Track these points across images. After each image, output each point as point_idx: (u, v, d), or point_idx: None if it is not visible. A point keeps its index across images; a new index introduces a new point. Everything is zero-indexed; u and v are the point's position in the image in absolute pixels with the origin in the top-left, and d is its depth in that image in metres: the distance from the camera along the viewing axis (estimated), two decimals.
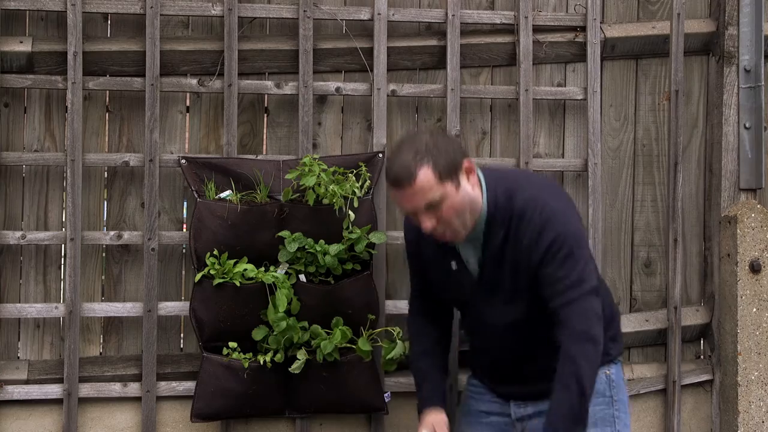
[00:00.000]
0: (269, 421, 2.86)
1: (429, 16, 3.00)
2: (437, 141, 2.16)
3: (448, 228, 2.17)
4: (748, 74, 3.15)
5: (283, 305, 2.65)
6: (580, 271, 2.16)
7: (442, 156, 2.13)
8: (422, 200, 2.12)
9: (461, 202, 2.15)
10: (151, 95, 2.82)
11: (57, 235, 2.81)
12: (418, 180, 2.10)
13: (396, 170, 2.13)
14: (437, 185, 2.12)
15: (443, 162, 2.13)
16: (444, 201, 2.13)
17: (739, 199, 3.14)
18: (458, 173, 2.16)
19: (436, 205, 2.13)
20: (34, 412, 2.79)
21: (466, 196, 2.17)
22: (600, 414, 2.32)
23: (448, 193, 2.13)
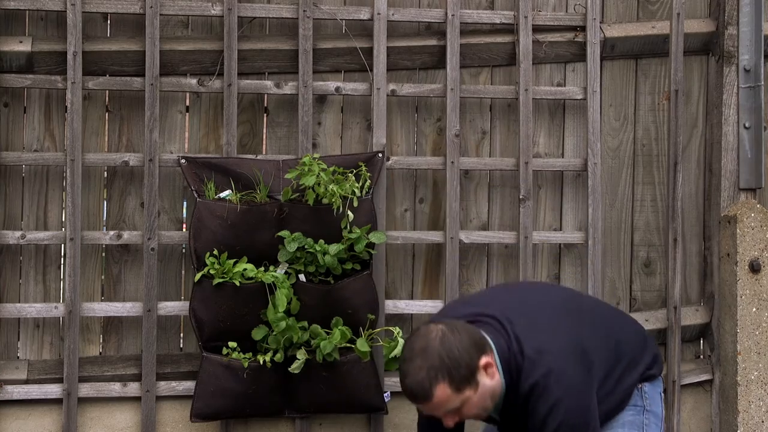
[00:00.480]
0: (269, 421, 2.86)
1: (429, 16, 3.00)
2: (450, 347, 2.06)
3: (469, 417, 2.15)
4: (748, 74, 3.15)
5: (283, 305, 2.65)
6: None
7: (457, 367, 2.05)
8: (442, 411, 2.07)
9: (482, 398, 2.10)
10: (151, 95, 2.82)
11: (57, 235, 2.81)
12: (436, 397, 2.03)
13: (411, 387, 2.05)
14: (455, 396, 2.05)
15: (459, 374, 2.05)
16: (464, 406, 2.08)
17: (739, 199, 3.14)
18: (476, 376, 2.07)
19: (457, 410, 2.08)
20: (33, 412, 2.79)
21: (487, 391, 2.11)
22: (629, 418, 2.31)
23: (468, 398, 2.07)
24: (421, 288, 3.04)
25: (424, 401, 2.05)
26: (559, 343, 2.16)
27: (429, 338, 2.08)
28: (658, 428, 2.36)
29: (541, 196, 3.11)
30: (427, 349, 2.06)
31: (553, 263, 3.12)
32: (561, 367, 2.16)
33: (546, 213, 3.13)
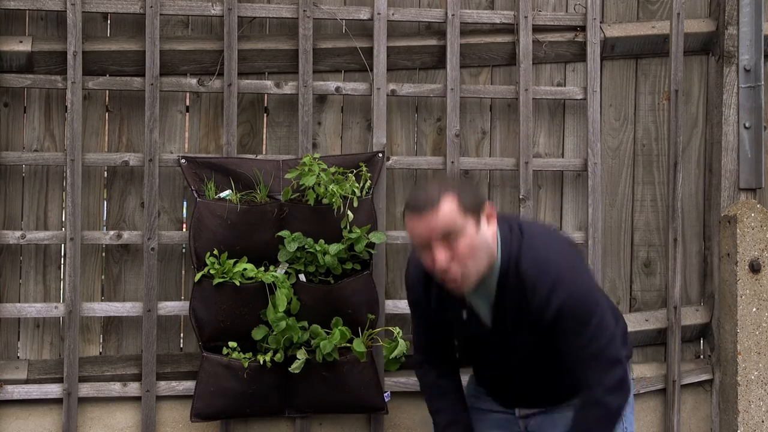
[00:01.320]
0: (269, 421, 2.86)
1: (429, 16, 3.00)
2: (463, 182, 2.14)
3: (461, 267, 2.06)
4: (748, 74, 3.15)
5: (283, 305, 2.65)
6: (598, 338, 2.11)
7: (467, 192, 2.07)
8: (441, 228, 2.02)
9: (479, 243, 2.06)
10: (151, 95, 2.82)
11: (57, 235, 2.81)
12: (441, 207, 2.02)
13: (420, 197, 2.06)
14: (459, 216, 2.03)
15: (468, 198, 2.06)
16: (462, 234, 2.03)
17: (739, 199, 3.14)
18: (480, 214, 2.07)
19: (454, 236, 2.03)
20: (33, 412, 2.79)
21: (484, 240, 2.08)
22: None
23: (468, 228, 2.04)
24: None
25: (429, 210, 2.02)
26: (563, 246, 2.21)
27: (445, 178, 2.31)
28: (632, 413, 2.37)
29: (541, 196, 3.11)
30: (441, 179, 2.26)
31: None
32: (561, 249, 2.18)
33: (546, 213, 3.12)
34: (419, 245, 2.09)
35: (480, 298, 2.18)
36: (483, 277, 2.11)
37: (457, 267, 2.05)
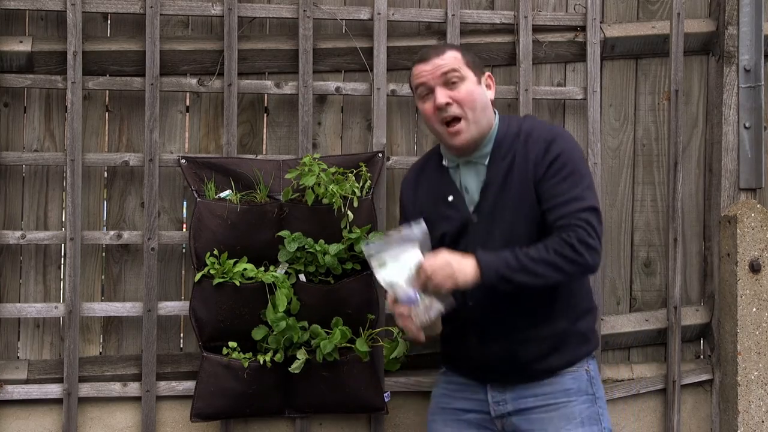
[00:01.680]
0: (269, 421, 2.86)
1: (429, 16, 3.00)
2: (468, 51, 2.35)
3: (460, 110, 2.24)
4: (748, 74, 3.15)
5: (283, 305, 2.65)
6: (583, 189, 2.20)
7: (472, 55, 2.31)
8: (445, 68, 2.24)
9: (479, 94, 2.26)
10: (151, 95, 2.82)
11: (57, 235, 2.81)
12: (447, 53, 2.27)
13: (427, 49, 2.33)
14: (462, 64, 2.26)
15: (471, 56, 2.31)
16: (464, 80, 2.24)
17: (739, 199, 3.14)
18: (481, 74, 2.31)
19: (457, 80, 2.24)
20: (33, 412, 2.79)
21: (483, 95, 2.28)
22: (587, 413, 2.31)
23: (470, 77, 2.26)
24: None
25: (435, 55, 2.26)
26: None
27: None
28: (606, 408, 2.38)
29: None
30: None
31: None
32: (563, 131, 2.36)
33: None
34: (423, 92, 2.29)
35: (471, 175, 2.32)
36: (479, 139, 2.28)
37: (456, 109, 2.24)
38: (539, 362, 2.31)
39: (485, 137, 2.30)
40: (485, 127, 2.28)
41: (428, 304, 2.16)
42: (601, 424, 2.32)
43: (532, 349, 2.30)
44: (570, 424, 2.28)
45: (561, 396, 2.30)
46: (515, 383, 2.33)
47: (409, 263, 2.14)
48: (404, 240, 2.16)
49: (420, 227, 2.19)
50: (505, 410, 2.35)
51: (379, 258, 2.17)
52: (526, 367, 2.31)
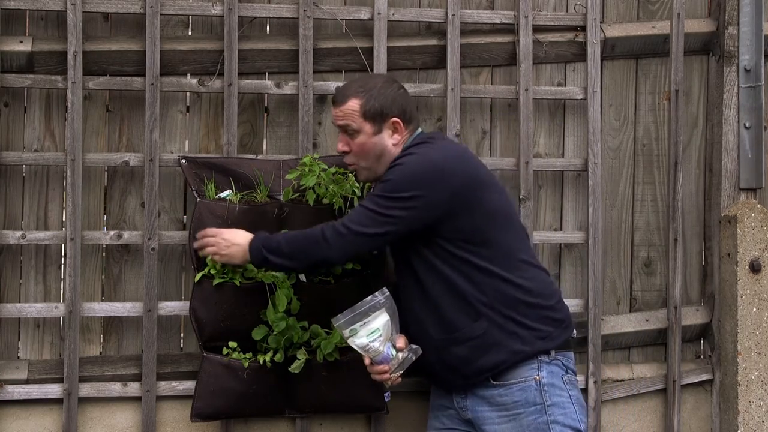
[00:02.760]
0: (269, 421, 2.86)
1: (429, 16, 3.00)
2: (387, 91, 2.46)
3: (354, 158, 2.49)
4: (748, 74, 3.15)
5: (283, 305, 2.65)
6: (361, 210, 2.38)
7: (377, 101, 2.44)
8: (341, 120, 2.46)
9: (372, 146, 2.45)
10: (151, 95, 2.82)
11: (57, 235, 2.81)
12: (348, 103, 2.45)
13: (340, 90, 2.51)
14: (358, 118, 2.44)
15: (374, 106, 2.44)
16: (358, 134, 2.44)
17: (739, 199, 3.14)
18: (383, 123, 2.45)
19: (351, 132, 2.45)
20: (34, 412, 2.79)
21: (380, 145, 2.45)
22: (534, 424, 2.33)
23: (364, 130, 2.44)
24: None
25: (338, 103, 2.47)
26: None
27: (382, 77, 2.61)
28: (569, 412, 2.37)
29: (541, 196, 3.11)
30: (371, 79, 2.55)
31: (553, 263, 3.11)
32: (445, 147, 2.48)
33: (546, 213, 3.13)
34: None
35: None
36: (378, 178, 2.46)
37: (351, 158, 2.49)
38: (468, 365, 2.36)
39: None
40: (382, 170, 2.45)
41: (401, 358, 2.38)
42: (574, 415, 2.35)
43: (455, 353, 2.36)
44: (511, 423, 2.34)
45: (511, 408, 2.35)
46: (465, 389, 2.42)
47: (378, 326, 2.35)
48: (371, 307, 2.35)
49: (383, 293, 2.37)
50: (468, 416, 2.44)
51: (349, 328, 2.36)
52: (458, 370, 2.38)
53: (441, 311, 2.37)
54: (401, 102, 2.47)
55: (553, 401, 2.35)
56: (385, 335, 2.34)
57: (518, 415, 2.34)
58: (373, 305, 2.35)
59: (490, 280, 2.35)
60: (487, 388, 2.38)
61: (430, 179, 2.33)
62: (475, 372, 2.37)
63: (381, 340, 2.34)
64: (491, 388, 2.37)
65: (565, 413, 2.35)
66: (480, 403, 2.39)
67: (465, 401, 2.43)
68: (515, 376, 2.35)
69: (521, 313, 2.36)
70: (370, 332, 2.33)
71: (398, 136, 2.46)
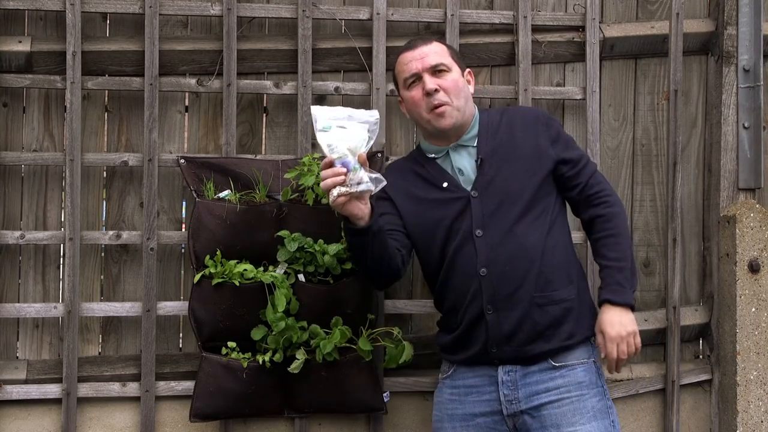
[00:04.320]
0: (268, 421, 2.86)
1: (428, 16, 3.00)
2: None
3: (446, 98, 2.39)
4: (747, 74, 3.15)
5: (282, 305, 2.65)
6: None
7: (453, 48, 2.54)
8: (432, 60, 2.39)
9: (463, 84, 2.44)
10: (150, 95, 2.82)
11: (56, 235, 2.81)
12: (434, 44, 2.44)
13: (413, 40, 2.49)
14: (446, 56, 2.43)
15: (455, 52, 2.51)
16: (450, 71, 2.40)
17: (738, 199, 3.15)
18: (463, 68, 2.48)
19: (443, 70, 2.40)
20: (32, 412, 2.79)
21: (466, 87, 2.46)
22: (598, 406, 2.33)
23: (455, 68, 2.43)
24: (421, 288, 3.03)
25: (423, 44, 2.43)
26: None
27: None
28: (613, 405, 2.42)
29: None
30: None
31: None
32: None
33: None
34: (411, 78, 2.42)
35: (462, 156, 2.45)
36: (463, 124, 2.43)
37: (442, 96, 2.39)
38: (556, 327, 2.33)
39: (469, 123, 2.47)
40: (468, 115, 2.45)
41: (360, 177, 2.21)
42: (610, 418, 2.33)
43: (549, 312, 2.33)
44: (583, 417, 2.29)
45: (574, 389, 2.32)
46: (530, 362, 2.33)
47: (355, 136, 2.22)
48: (355, 117, 2.27)
49: (373, 114, 2.31)
50: (518, 408, 2.36)
51: (323, 121, 2.24)
52: (544, 333, 2.32)
53: (546, 267, 2.34)
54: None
55: (606, 388, 2.39)
56: (356, 145, 2.20)
57: (581, 397, 2.31)
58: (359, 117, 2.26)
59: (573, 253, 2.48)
60: (545, 372, 2.33)
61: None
62: (559, 337, 2.32)
63: (349, 147, 2.19)
64: (551, 371, 2.33)
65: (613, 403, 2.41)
66: (536, 390, 2.32)
67: (516, 393, 2.34)
68: (576, 356, 2.35)
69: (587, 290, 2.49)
70: (345, 135, 2.20)
71: (472, 86, 2.51)
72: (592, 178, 2.46)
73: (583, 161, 2.48)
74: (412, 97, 2.43)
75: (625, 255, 2.36)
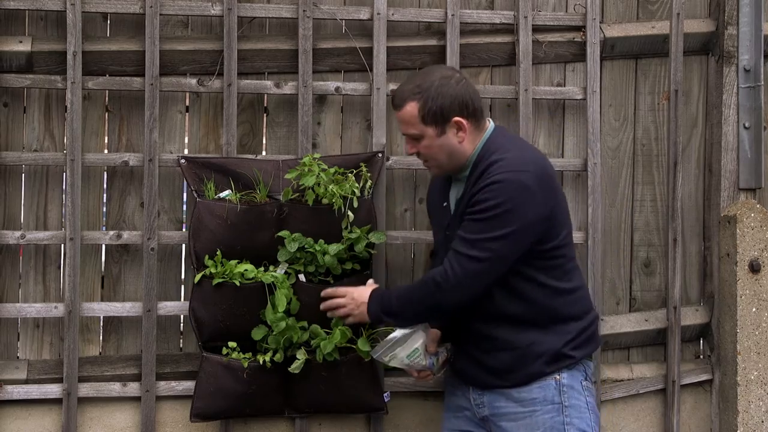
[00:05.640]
0: (268, 421, 2.86)
1: (428, 16, 3.00)
2: (444, 90, 2.34)
3: (426, 160, 2.43)
4: (748, 74, 3.15)
5: (283, 305, 2.65)
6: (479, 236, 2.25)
7: (435, 103, 2.33)
8: (404, 130, 2.41)
9: (438, 147, 2.37)
10: (151, 95, 2.82)
11: (56, 235, 2.81)
12: (404, 110, 2.37)
13: (397, 92, 2.40)
14: (418, 124, 2.36)
15: (433, 108, 2.33)
16: (422, 139, 2.37)
17: (739, 199, 3.14)
18: (445, 124, 2.35)
19: (415, 138, 2.38)
20: (33, 412, 2.79)
21: (446, 145, 2.37)
22: (549, 423, 2.31)
23: (427, 134, 2.36)
24: None
25: (395, 108, 2.40)
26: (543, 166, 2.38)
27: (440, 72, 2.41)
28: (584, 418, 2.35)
29: None
30: (428, 75, 2.38)
31: None
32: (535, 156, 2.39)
33: None
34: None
35: (456, 187, 2.45)
36: (454, 170, 2.42)
37: (421, 158, 2.43)
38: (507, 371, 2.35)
39: (464, 165, 2.40)
40: (457, 164, 2.40)
41: (441, 361, 2.49)
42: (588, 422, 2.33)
43: (498, 357, 2.36)
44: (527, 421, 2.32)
45: (528, 405, 2.34)
46: (491, 387, 2.39)
47: (416, 346, 2.42)
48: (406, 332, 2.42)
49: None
50: (484, 413, 2.42)
51: (389, 355, 2.43)
52: (495, 372, 2.37)
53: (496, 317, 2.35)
54: (462, 97, 2.34)
55: (571, 403, 2.34)
56: (423, 351, 2.43)
57: (534, 412, 2.32)
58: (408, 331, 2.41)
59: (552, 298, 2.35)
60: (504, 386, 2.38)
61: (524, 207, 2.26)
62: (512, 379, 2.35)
63: (421, 355, 2.43)
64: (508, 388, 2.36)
65: (581, 417, 2.34)
66: (498, 398, 2.37)
67: (482, 398, 2.41)
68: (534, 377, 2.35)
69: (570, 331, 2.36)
70: (410, 353, 2.42)
71: (463, 134, 2.35)
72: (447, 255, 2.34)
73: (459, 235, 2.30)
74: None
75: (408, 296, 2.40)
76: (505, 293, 2.33)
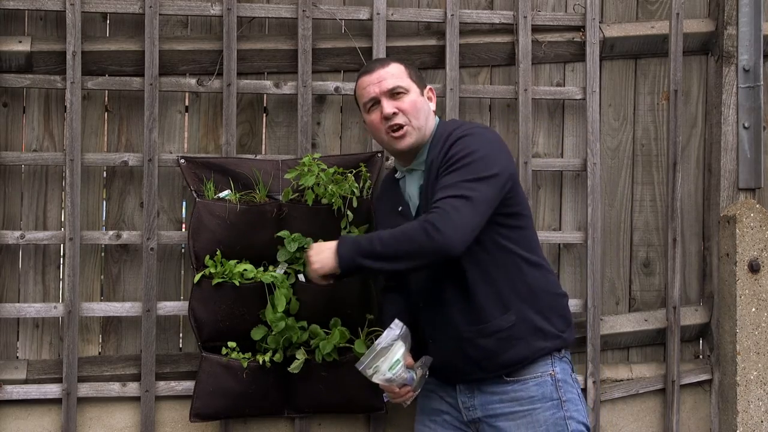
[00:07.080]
0: (268, 421, 2.86)
1: (428, 16, 3.00)
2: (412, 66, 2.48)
3: (405, 118, 2.36)
4: (747, 74, 3.15)
5: (282, 305, 2.65)
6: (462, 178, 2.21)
7: (413, 67, 2.46)
8: (389, 84, 2.36)
9: (422, 104, 2.39)
10: (150, 95, 2.82)
11: (56, 235, 2.81)
12: (391, 66, 2.40)
13: (371, 62, 2.46)
14: (406, 77, 2.39)
15: (415, 71, 2.44)
16: (407, 93, 2.37)
17: (738, 199, 3.15)
18: (423, 88, 2.44)
19: (401, 93, 2.37)
20: (33, 412, 2.79)
21: (425, 108, 2.41)
22: (551, 420, 2.31)
23: (413, 89, 2.39)
24: None
25: (380, 67, 2.39)
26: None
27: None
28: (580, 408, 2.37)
29: (540, 196, 3.12)
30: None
31: (552, 263, 3.11)
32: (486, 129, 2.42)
33: (545, 213, 3.13)
34: (369, 102, 2.41)
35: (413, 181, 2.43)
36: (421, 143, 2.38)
37: (402, 118, 2.36)
38: (492, 359, 2.32)
39: (425, 144, 2.40)
40: (428, 134, 2.40)
41: (418, 375, 2.39)
42: (568, 428, 2.33)
43: (481, 345, 2.32)
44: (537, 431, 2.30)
45: (526, 403, 2.32)
46: (479, 382, 2.36)
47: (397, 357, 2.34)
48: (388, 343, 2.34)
49: (398, 325, 2.35)
50: (475, 415, 2.39)
51: (372, 367, 2.35)
52: (479, 364, 2.34)
53: (472, 301, 2.31)
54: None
55: (567, 397, 2.35)
56: (404, 362, 2.36)
57: (534, 410, 2.31)
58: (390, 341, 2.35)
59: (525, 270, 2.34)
60: (499, 384, 2.35)
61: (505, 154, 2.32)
62: (497, 366, 2.33)
63: (402, 367, 2.36)
64: (504, 384, 2.34)
65: (578, 410, 2.36)
66: (491, 400, 2.35)
67: (473, 400, 2.39)
68: (530, 371, 2.34)
69: (547, 307, 2.36)
70: (391, 365, 2.34)
71: (434, 105, 2.46)
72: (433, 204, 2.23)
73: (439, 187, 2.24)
74: (372, 120, 2.41)
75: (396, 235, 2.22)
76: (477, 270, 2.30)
